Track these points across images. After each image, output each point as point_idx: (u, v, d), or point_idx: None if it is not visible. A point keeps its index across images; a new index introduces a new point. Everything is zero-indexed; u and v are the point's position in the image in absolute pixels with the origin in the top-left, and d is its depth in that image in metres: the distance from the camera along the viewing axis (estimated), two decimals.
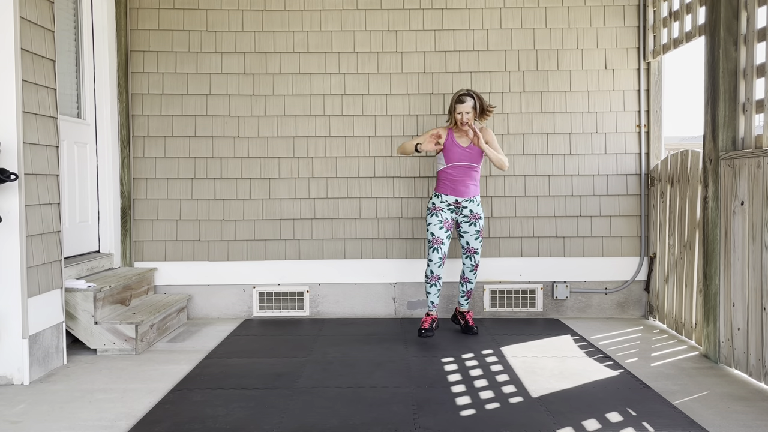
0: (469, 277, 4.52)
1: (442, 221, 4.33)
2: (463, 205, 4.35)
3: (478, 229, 4.40)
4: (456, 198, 4.33)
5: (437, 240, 4.32)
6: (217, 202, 5.08)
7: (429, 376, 3.60)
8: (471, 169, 4.33)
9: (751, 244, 3.51)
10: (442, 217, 4.34)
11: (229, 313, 5.11)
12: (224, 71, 5.05)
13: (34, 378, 3.59)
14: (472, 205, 4.36)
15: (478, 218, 4.38)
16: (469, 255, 4.45)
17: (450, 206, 4.35)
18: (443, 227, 4.33)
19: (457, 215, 4.39)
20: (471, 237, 4.41)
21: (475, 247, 4.43)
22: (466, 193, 4.33)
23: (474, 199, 4.37)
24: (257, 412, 3.06)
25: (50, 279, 3.77)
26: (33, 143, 3.62)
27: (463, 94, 4.25)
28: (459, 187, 4.32)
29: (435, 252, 4.32)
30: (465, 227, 4.40)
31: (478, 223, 4.39)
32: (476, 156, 4.33)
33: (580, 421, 2.94)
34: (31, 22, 3.60)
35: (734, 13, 3.74)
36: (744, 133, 3.72)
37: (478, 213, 4.38)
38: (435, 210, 4.36)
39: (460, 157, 4.30)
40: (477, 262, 4.47)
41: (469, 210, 4.36)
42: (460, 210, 4.36)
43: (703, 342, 4.01)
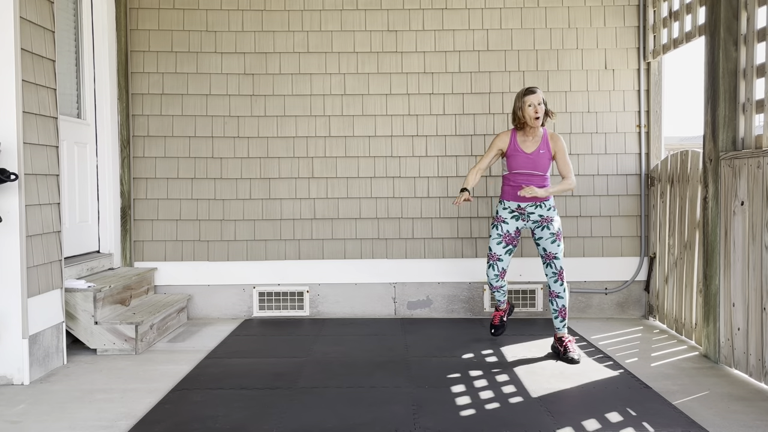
0: (557, 291, 3.95)
1: (502, 235, 4.00)
2: (528, 211, 3.96)
3: (554, 232, 3.93)
4: (519, 204, 3.97)
5: (494, 256, 4.03)
6: (217, 202, 5.08)
7: (429, 376, 3.60)
8: (535, 177, 3.93)
9: (751, 244, 3.51)
10: (502, 229, 4.01)
11: (229, 313, 5.11)
12: (224, 71, 5.05)
13: (34, 378, 3.59)
14: (540, 210, 3.95)
15: (550, 221, 3.95)
16: (550, 262, 3.95)
17: (514, 213, 4.00)
18: (502, 242, 4.01)
19: (526, 222, 4.00)
20: (547, 242, 3.95)
21: (553, 251, 3.93)
22: (529, 198, 3.93)
23: (543, 204, 3.95)
24: (257, 412, 3.06)
25: (50, 279, 3.77)
26: (33, 143, 3.62)
27: (532, 86, 3.92)
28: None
29: (491, 269, 4.05)
30: (538, 233, 3.99)
31: (552, 226, 3.94)
32: (542, 164, 3.93)
33: (580, 421, 2.94)
34: (31, 22, 3.60)
35: (734, 13, 3.74)
36: (744, 133, 3.72)
37: (550, 216, 3.95)
38: (497, 221, 4.04)
39: (524, 164, 3.93)
40: (559, 268, 3.93)
41: (538, 215, 3.96)
42: (527, 216, 3.97)
43: (703, 342, 4.01)
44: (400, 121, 5.07)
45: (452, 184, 5.06)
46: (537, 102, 3.86)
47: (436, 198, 5.07)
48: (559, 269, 3.95)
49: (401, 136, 5.07)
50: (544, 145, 3.96)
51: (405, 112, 5.07)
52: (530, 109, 3.87)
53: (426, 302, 5.12)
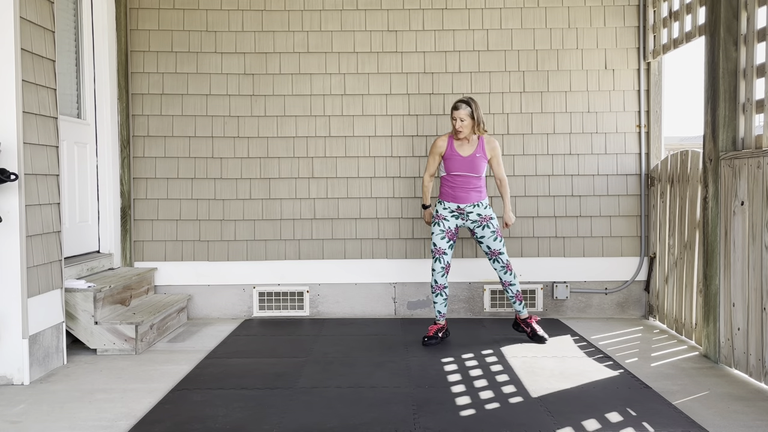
0: (508, 280, 4.28)
1: (445, 231, 4.24)
2: (467, 211, 4.23)
3: (494, 230, 4.22)
4: (458, 205, 4.24)
5: (439, 250, 4.24)
6: (217, 202, 5.08)
7: (429, 376, 3.60)
8: (472, 178, 4.23)
9: (751, 244, 3.51)
10: (444, 226, 4.24)
11: (229, 313, 5.11)
12: (224, 71, 5.05)
13: (34, 378, 3.59)
14: (478, 209, 4.23)
15: (489, 219, 4.23)
16: (495, 258, 4.25)
17: (453, 213, 4.25)
18: (445, 237, 4.24)
19: (465, 221, 4.26)
20: (489, 240, 4.23)
21: (497, 248, 4.23)
22: (467, 199, 4.22)
23: (479, 204, 4.24)
24: (257, 412, 3.06)
25: (50, 279, 3.77)
26: (33, 143, 3.62)
27: (459, 101, 4.19)
28: (459, 194, 4.23)
29: (437, 262, 4.25)
30: (479, 232, 4.25)
31: (491, 224, 4.22)
32: (477, 166, 4.22)
33: (580, 421, 2.94)
34: (31, 22, 3.60)
35: (734, 13, 3.74)
36: (744, 133, 3.72)
37: (488, 215, 4.24)
38: (438, 219, 4.26)
39: (459, 167, 4.21)
40: (506, 262, 4.25)
41: (476, 214, 4.23)
42: (466, 216, 4.24)
43: (703, 342, 4.01)
44: (400, 121, 5.07)
45: None
46: (460, 118, 4.16)
47: (436, 198, 5.06)
48: (505, 262, 4.27)
49: (401, 136, 5.07)
50: (480, 149, 4.24)
51: (405, 112, 5.07)
52: (454, 122, 4.18)
53: (426, 302, 5.11)
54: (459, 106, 4.17)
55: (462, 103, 4.18)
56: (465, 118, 4.15)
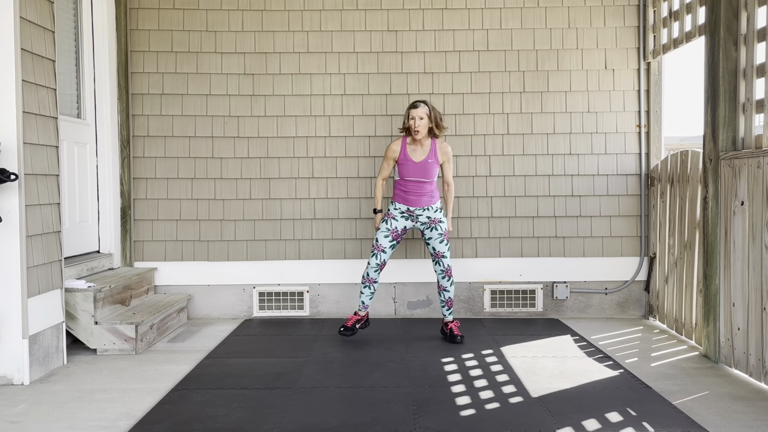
0: (444, 285, 4.37)
1: (390, 230, 4.29)
2: (416, 214, 4.28)
3: (441, 233, 4.29)
4: (408, 207, 4.28)
5: (379, 247, 4.30)
6: (217, 202, 5.08)
7: (429, 376, 3.60)
8: (424, 183, 4.27)
9: (751, 244, 3.51)
10: (392, 225, 4.30)
11: (229, 313, 5.11)
12: (224, 71, 5.05)
13: (34, 378, 3.59)
14: (428, 212, 4.29)
15: (438, 222, 4.29)
16: (438, 260, 4.33)
17: (403, 214, 4.30)
18: (389, 236, 4.30)
19: (414, 222, 4.32)
20: (435, 242, 4.30)
21: (441, 251, 4.30)
22: (418, 203, 4.27)
23: (430, 207, 4.29)
24: (257, 412, 3.06)
25: (50, 279, 3.77)
26: (33, 143, 3.62)
27: (417, 101, 4.24)
28: (410, 198, 4.27)
29: (374, 257, 4.30)
30: (428, 233, 4.32)
31: (439, 227, 4.29)
32: (429, 172, 4.25)
33: (580, 421, 2.94)
34: (31, 22, 3.60)
35: (734, 13, 3.74)
36: (744, 133, 3.72)
37: (437, 217, 4.30)
38: (388, 217, 4.33)
39: (412, 172, 4.25)
40: (447, 266, 4.33)
41: (426, 216, 4.29)
42: (416, 218, 4.30)
43: (703, 342, 4.01)
44: (400, 121, 5.07)
45: None
46: (419, 116, 4.17)
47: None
48: (446, 267, 4.34)
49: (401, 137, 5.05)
50: (432, 154, 4.26)
51: None
52: (411, 122, 4.20)
53: (426, 302, 5.12)
54: (417, 104, 4.21)
55: (420, 102, 4.22)
56: (423, 117, 4.18)
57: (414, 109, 4.19)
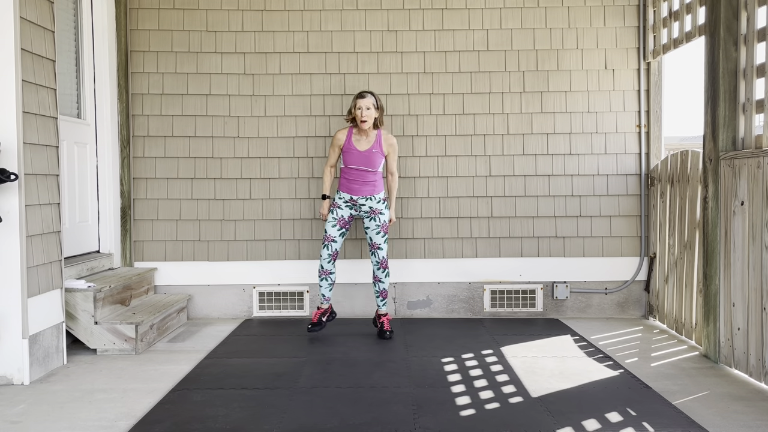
0: (379, 276, 4.46)
1: (337, 219, 4.40)
2: (359, 203, 4.38)
3: (379, 224, 4.38)
4: (351, 196, 4.38)
5: (328, 237, 4.40)
6: (217, 202, 5.08)
7: (429, 376, 3.60)
8: (368, 173, 4.36)
9: (751, 244, 3.51)
10: (337, 214, 4.40)
11: (229, 313, 5.11)
12: (224, 71, 5.05)
13: (34, 378, 3.59)
14: (370, 202, 4.38)
15: (378, 213, 4.39)
16: (374, 251, 4.43)
17: (347, 203, 4.40)
18: (337, 225, 4.40)
19: (358, 211, 4.42)
20: (373, 232, 4.40)
21: (377, 242, 4.40)
22: (360, 191, 4.36)
23: (372, 197, 4.38)
24: (257, 412, 3.06)
25: (50, 279, 3.77)
26: (33, 143, 3.62)
27: (363, 91, 4.34)
28: (353, 186, 4.37)
29: (325, 249, 4.41)
30: (367, 222, 4.42)
31: (378, 218, 4.38)
32: (373, 161, 4.35)
33: (580, 421, 2.94)
34: (31, 22, 3.60)
35: (734, 13, 3.74)
36: (744, 133, 3.72)
37: (378, 208, 4.39)
38: (334, 207, 4.43)
39: (356, 161, 4.35)
40: (382, 258, 4.42)
41: (368, 207, 4.38)
42: (358, 207, 4.40)
43: (703, 342, 4.01)
44: (400, 120, 5.07)
45: (452, 184, 5.06)
46: (366, 107, 4.27)
47: (436, 198, 5.07)
48: (381, 258, 4.42)
49: (401, 136, 5.06)
50: (377, 144, 4.37)
51: (405, 112, 5.07)
52: (358, 111, 4.28)
53: (426, 302, 5.12)
54: (365, 94, 4.30)
55: (367, 93, 4.32)
56: (370, 107, 4.27)
57: (361, 99, 4.28)
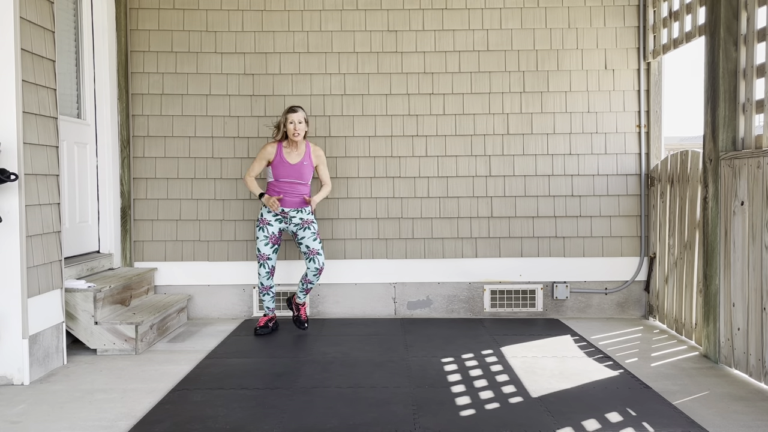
0: (311, 279, 4.50)
1: (269, 237, 4.43)
2: (290, 215, 4.42)
3: (314, 231, 4.45)
4: (282, 209, 4.40)
5: (263, 256, 4.46)
6: (217, 203, 5.08)
7: (429, 376, 3.60)
8: (298, 185, 4.43)
9: (751, 244, 3.51)
10: (268, 231, 4.43)
11: (229, 313, 5.11)
12: (224, 71, 5.05)
13: (34, 378, 3.59)
14: (301, 214, 4.44)
15: (310, 223, 4.46)
16: (312, 257, 4.45)
17: (277, 217, 4.43)
18: (269, 242, 4.44)
19: (288, 225, 4.45)
20: (309, 240, 4.44)
21: (315, 248, 4.44)
22: (292, 204, 4.41)
23: (303, 209, 4.45)
24: (257, 412, 3.06)
25: (50, 279, 3.77)
26: (33, 143, 3.62)
27: (294, 106, 4.42)
28: (285, 199, 4.41)
29: (262, 267, 4.47)
30: (300, 233, 4.46)
31: (312, 227, 4.45)
32: (304, 173, 4.43)
33: (580, 421, 2.94)
34: (31, 22, 3.60)
35: (734, 13, 3.74)
36: (744, 133, 3.72)
37: (309, 219, 4.46)
38: (262, 224, 4.44)
39: (288, 174, 4.40)
40: (321, 264, 4.46)
41: (299, 218, 4.43)
42: (289, 220, 4.43)
43: (703, 342, 4.01)
44: (400, 121, 5.07)
45: (452, 184, 5.06)
46: (298, 120, 4.37)
47: (436, 198, 5.07)
48: (321, 265, 4.48)
49: (401, 136, 5.07)
50: (307, 157, 4.46)
51: (405, 112, 5.07)
52: (291, 126, 4.37)
53: (426, 302, 5.12)
54: (296, 109, 4.40)
55: (298, 107, 4.42)
56: (302, 121, 4.38)
57: (294, 113, 4.36)
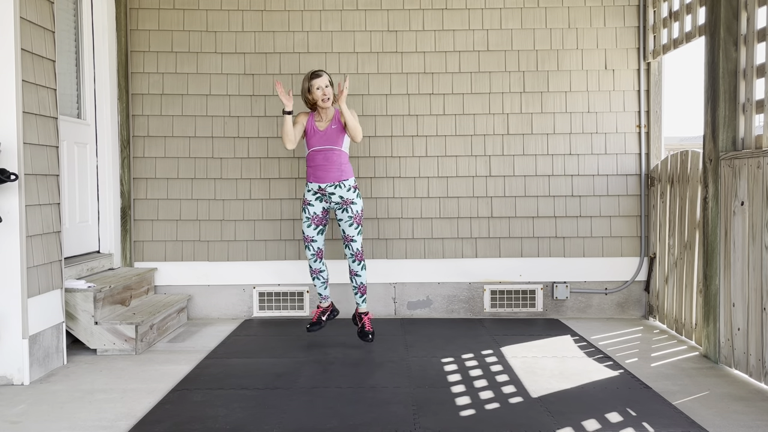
0: (355, 269, 4.26)
1: (310, 218, 4.20)
2: (329, 192, 4.15)
3: (351, 215, 4.17)
4: (319, 185, 4.15)
5: (307, 238, 4.23)
6: (217, 203, 5.08)
7: (429, 376, 3.60)
8: (331, 153, 4.12)
9: (751, 244, 3.51)
10: (309, 212, 4.20)
11: (229, 313, 5.11)
12: (224, 71, 5.05)
13: (34, 378, 3.59)
14: (340, 191, 4.14)
15: (350, 203, 4.16)
16: (347, 244, 4.22)
17: (317, 195, 4.19)
18: (311, 224, 4.21)
19: (329, 203, 4.20)
20: (345, 224, 4.19)
21: (351, 234, 4.19)
22: (327, 178, 4.12)
23: (341, 184, 4.14)
24: (257, 412, 3.06)
25: (50, 279, 3.77)
26: (33, 143, 3.62)
27: (315, 71, 4.13)
28: (319, 173, 4.14)
29: (307, 249, 4.26)
30: (339, 214, 4.21)
31: (350, 209, 4.16)
32: (334, 137, 4.13)
33: (580, 421, 2.94)
34: (31, 22, 3.60)
35: (734, 13, 3.74)
36: (744, 133, 3.72)
37: (349, 198, 4.15)
38: (305, 204, 4.22)
39: (318, 141, 4.15)
40: (356, 250, 4.21)
41: (338, 196, 4.15)
42: (328, 197, 4.17)
43: (703, 342, 4.01)
44: (400, 121, 5.07)
45: (452, 184, 5.06)
46: (324, 85, 4.09)
47: (436, 198, 5.07)
48: (356, 251, 4.23)
49: (401, 137, 5.07)
50: (335, 121, 4.18)
51: (405, 112, 5.07)
52: (318, 92, 4.09)
53: (426, 302, 5.12)
54: (320, 74, 4.10)
55: (321, 71, 4.12)
56: (328, 84, 4.10)
57: (318, 78, 4.07)
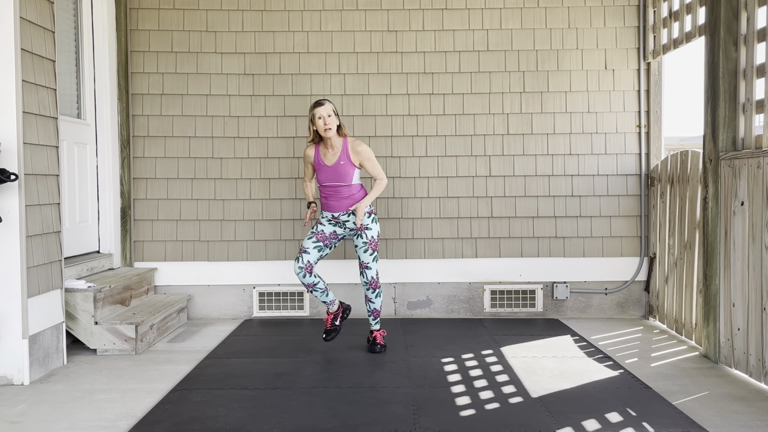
0: (369, 296, 4.14)
1: (315, 232, 4.07)
2: (342, 219, 4.06)
3: (366, 241, 4.03)
4: (332, 214, 4.06)
5: (302, 248, 4.02)
6: (217, 203, 5.08)
7: (429, 376, 3.60)
8: (340, 188, 4.01)
9: (751, 244, 3.51)
10: (317, 228, 4.08)
11: (229, 313, 5.11)
12: (224, 71, 5.06)
13: (34, 378, 3.59)
14: (354, 217, 4.05)
15: (364, 229, 4.03)
16: (362, 271, 4.09)
17: (330, 221, 4.09)
18: (313, 237, 4.05)
19: (343, 229, 4.10)
20: (360, 250, 4.07)
21: (366, 261, 4.06)
22: (340, 207, 4.02)
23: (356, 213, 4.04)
24: (257, 412, 3.06)
25: (50, 279, 3.77)
26: (33, 143, 3.62)
27: (318, 100, 3.98)
28: (331, 203, 4.05)
29: (297, 261, 4.00)
30: (355, 240, 4.09)
31: (365, 234, 4.03)
32: (343, 173, 3.99)
33: (580, 421, 2.94)
34: (31, 22, 3.60)
35: (734, 13, 3.74)
36: (744, 133, 3.72)
37: (364, 224, 4.03)
38: (317, 222, 4.13)
39: (327, 177, 4.02)
40: (371, 279, 4.08)
41: (352, 222, 4.06)
42: (342, 224, 4.08)
43: (703, 342, 4.01)
44: (400, 121, 5.07)
45: (452, 184, 5.06)
46: (326, 114, 3.90)
47: (436, 198, 5.07)
48: (370, 279, 4.09)
49: (401, 137, 5.07)
50: (344, 155, 3.99)
51: (405, 112, 5.07)
52: (320, 121, 3.91)
53: (426, 302, 5.12)
54: (323, 102, 3.94)
55: (324, 100, 3.96)
56: (331, 114, 3.91)
57: (319, 107, 3.91)
